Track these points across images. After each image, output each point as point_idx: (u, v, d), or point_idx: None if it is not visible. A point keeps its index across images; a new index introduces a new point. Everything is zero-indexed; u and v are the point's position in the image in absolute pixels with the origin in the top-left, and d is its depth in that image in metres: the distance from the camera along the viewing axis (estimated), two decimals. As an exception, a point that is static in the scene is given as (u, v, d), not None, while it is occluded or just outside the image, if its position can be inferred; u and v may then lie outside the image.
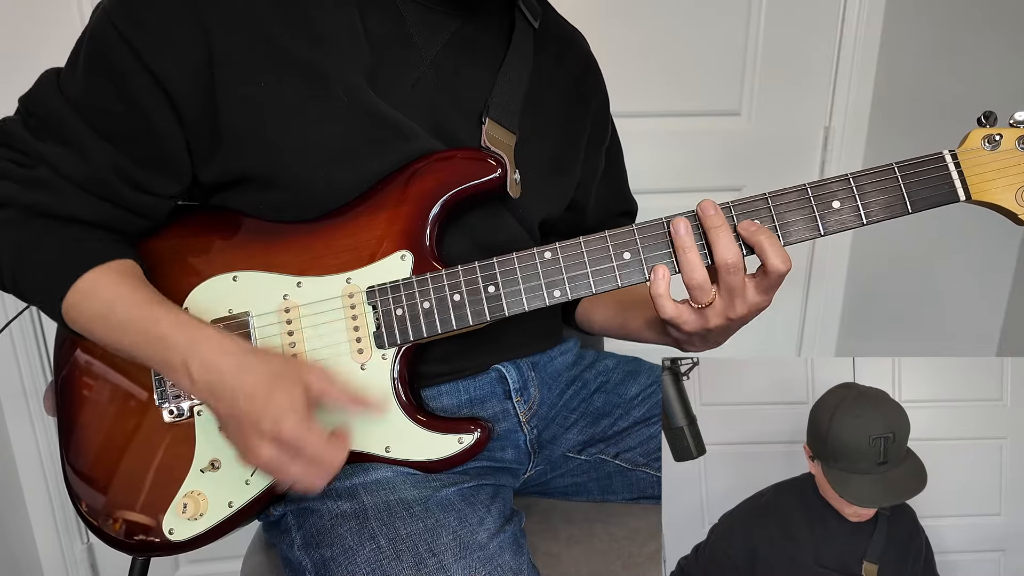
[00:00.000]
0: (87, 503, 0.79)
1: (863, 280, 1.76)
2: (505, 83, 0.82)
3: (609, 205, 1.02)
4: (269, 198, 0.75)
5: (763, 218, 0.71)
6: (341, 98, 0.73)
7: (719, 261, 0.70)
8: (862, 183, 0.71)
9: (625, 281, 0.73)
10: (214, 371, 0.67)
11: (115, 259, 0.72)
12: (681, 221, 0.71)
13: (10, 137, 0.72)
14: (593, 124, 0.94)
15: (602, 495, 0.97)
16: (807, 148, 1.67)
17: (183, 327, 0.69)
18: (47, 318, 1.38)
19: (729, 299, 0.71)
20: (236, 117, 0.71)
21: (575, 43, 0.95)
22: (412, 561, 0.69)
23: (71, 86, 0.71)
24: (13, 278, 0.72)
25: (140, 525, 0.76)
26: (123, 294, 0.70)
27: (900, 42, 1.59)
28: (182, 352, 0.67)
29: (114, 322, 0.70)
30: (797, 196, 0.71)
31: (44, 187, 0.70)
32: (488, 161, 0.76)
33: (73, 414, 0.79)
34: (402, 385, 0.75)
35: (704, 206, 0.71)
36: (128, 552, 0.80)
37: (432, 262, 0.75)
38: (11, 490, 1.47)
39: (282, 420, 0.64)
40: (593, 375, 0.98)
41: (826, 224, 0.71)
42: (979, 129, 0.71)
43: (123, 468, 0.77)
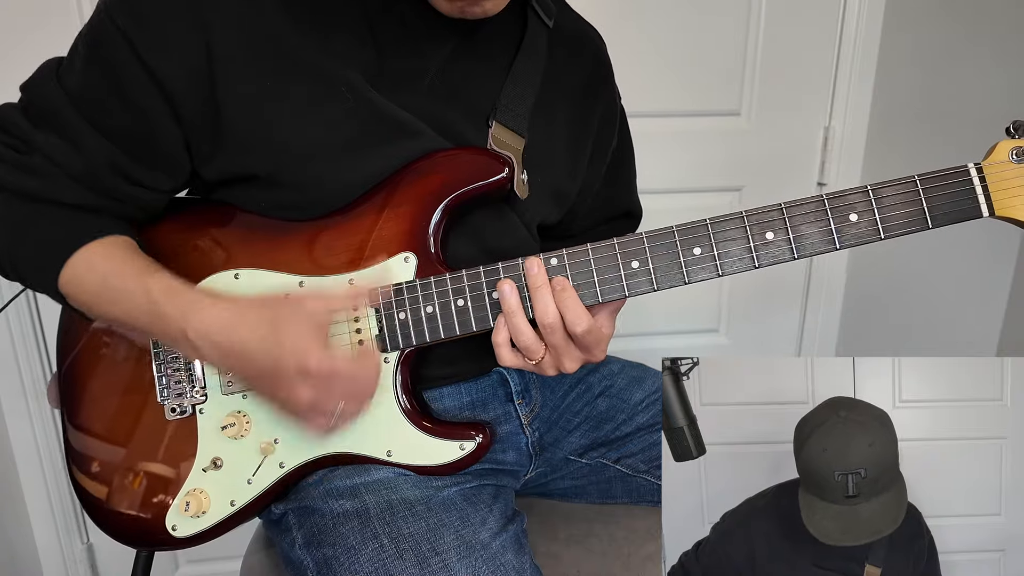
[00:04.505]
0: (90, 496, 0.79)
1: (863, 280, 1.76)
2: (514, 85, 0.81)
3: (605, 206, 1.00)
4: (272, 196, 0.75)
5: (777, 229, 0.69)
6: (347, 98, 0.72)
7: (538, 321, 0.69)
8: (882, 195, 0.68)
9: (632, 291, 0.71)
10: (213, 335, 0.66)
11: (109, 235, 0.72)
12: (506, 284, 0.70)
13: (9, 122, 0.72)
14: (600, 126, 0.92)
15: (601, 499, 0.97)
16: (807, 148, 1.67)
17: (173, 296, 0.68)
18: (46, 318, 1.40)
19: (556, 355, 0.71)
20: (238, 116, 0.70)
21: (589, 42, 0.93)
22: (415, 560, 0.69)
23: (70, 78, 0.71)
24: (10, 260, 0.72)
25: (143, 521, 0.77)
26: (115, 266, 0.70)
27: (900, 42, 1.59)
28: (177, 322, 0.67)
29: (109, 296, 0.70)
30: (814, 207, 0.69)
31: (38, 175, 0.70)
32: (495, 161, 0.75)
33: (76, 406, 0.79)
34: (404, 389, 0.75)
35: (528, 264, 0.70)
36: (131, 545, 0.81)
37: (436, 265, 0.74)
38: (11, 490, 1.47)
39: (303, 357, 0.64)
40: (597, 379, 0.98)
41: (842, 238, 0.69)
42: (1007, 141, 0.68)
43: (126, 463, 0.77)
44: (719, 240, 0.70)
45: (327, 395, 0.66)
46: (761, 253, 0.70)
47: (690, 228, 0.70)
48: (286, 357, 0.64)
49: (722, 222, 0.70)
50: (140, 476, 0.77)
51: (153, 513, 0.76)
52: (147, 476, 0.77)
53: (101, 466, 0.78)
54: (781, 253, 0.70)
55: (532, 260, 0.70)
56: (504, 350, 0.71)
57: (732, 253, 0.70)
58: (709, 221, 0.70)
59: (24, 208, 0.71)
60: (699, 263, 0.70)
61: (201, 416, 0.76)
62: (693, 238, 0.70)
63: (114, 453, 0.78)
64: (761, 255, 0.70)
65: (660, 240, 0.70)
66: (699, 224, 0.70)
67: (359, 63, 0.73)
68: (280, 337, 0.65)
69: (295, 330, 0.65)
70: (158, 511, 0.76)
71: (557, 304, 0.69)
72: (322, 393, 0.66)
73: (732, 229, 0.70)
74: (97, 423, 0.78)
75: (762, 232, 0.69)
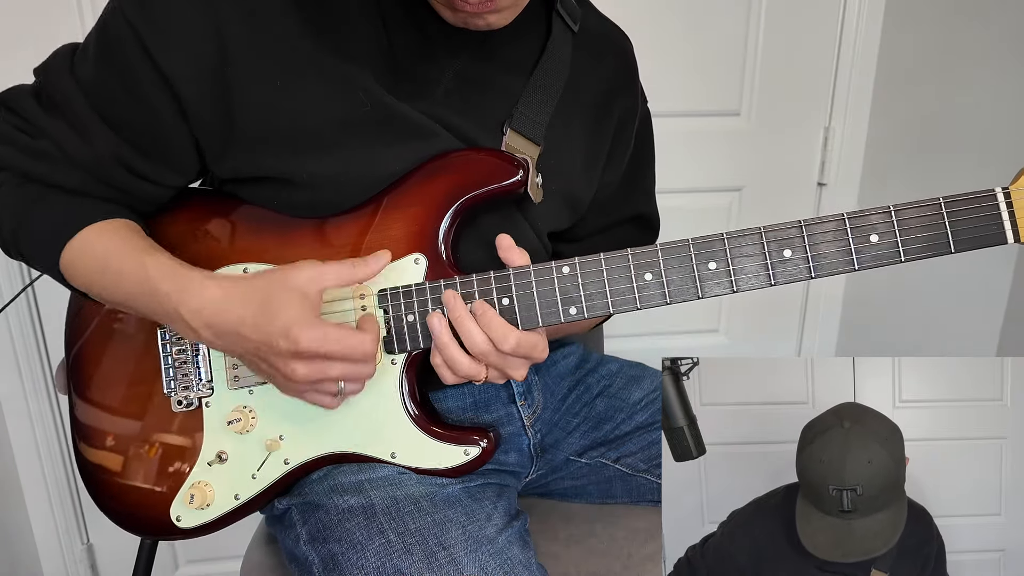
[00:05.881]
0: (96, 484, 0.79)
1: (863, 280, 1.76)
2: (534, 92, 0.79)
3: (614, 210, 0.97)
4: (284, 195, 0.75)
5: (796, 247, 0.67)
6: (363, 101, 0.71)
7: (470, 351, 0.69)
8: (904, 217, 0.66)
9: (644, 304, 0.69)
10: (206, 313, 0.66)
11: (111, 218, 0.73)
12: (435, 317, 0.69)
13: (21, 106, 0.73)
14: (617, 132, 0.89)
15: (601, 499, 0.97)
16: (807, 148, 1.67)
17: (168, 276, 0.68)
18: (47, 318, 1.40)
19: (500, 371, 0.71)
20: (251, 117, 0.70)
21: (614, 45, 0.91)
22: (423, 555, 0.69)
23: (82, 68, 0.71)
24: (14, 238, 0.73)
25: (148, 510, 0.78)
26: (115, 247, 0.70)
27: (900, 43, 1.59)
28: (173, 301, 0.67)
29: (109, 276, 0.70)
30: (834, 226, 0.66)
31: (45, 159, 0.71)
32: (509, 163, 0.73)
33: (84, 396, 0.80)
34: (410, 393, 0.75)
35: (446, 297, 0.70)
36: (136, 533, 0.82)
37: (447, 268, 0.73)
38: (11, 490, 1.47)
39: (294, 333, 0.63)
40: (596, 379, 0.98)
41: (861, 259, 0.66)
42: None
43: (133, 452, 0.78)
44: (735, 256, 0.68)
45: (325, 371, 0.65)
46: (778, 271, 0.68)
47: (706, 242, 0.68)
48: (275, 333, 0.64)
49: (739, 237, 0.68)
50: (146, 466, 0.78)
51: (158, 503, 0.77)
52: (153, 466, 0.77)
53: (108, 454, 0.78)
54: (799, 272, 0.68)
55: (448, 293, 0.70)
56: (444, 371, 0.70)
57: (748, 269, 0.68)
58: (726, 235, 0.68)
59: (29, 189, 0.72)
60: (714, 278, 0.69)
61: (207, 409, 0.76)
62: (708, 252, 0.68)
63: (121, 442, 0.78)
64: (778, 272, 0.68)
65: (675, 253, 0.69)
66: (715, 238, 0.68)
67: (374, 67, 0.73)
68: (270, 314, 0.64)
69: (285, 305, 0.64)
70: (162, 501, 0.77)
71: (482, 328, 0.68)
72: (318, 369, 0.65)
73: (749, 245, 0.68)
74: (104, 412, 0.79)
75: (780, 249, 0.67)
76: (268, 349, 0.65)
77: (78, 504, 1.54)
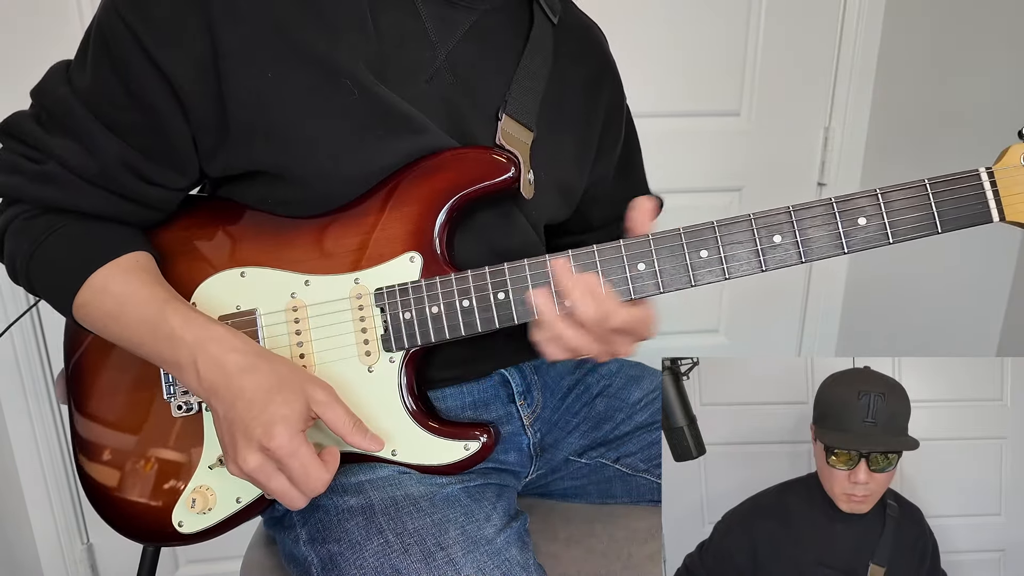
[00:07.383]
0: (97, 491, 0.79)
1: (863, 279, 1.76)
2: (524, 79, 0.80)
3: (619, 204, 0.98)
4: (276, 192, 0.75)
5: (785, 233, 0.69)
6: (351, 91, 0.71)
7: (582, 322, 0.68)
8: (891, 199, 0.67)
9: (638, 293, 0.70)
10: (220, 369, 0.67)
11: (126, 253, 0.72)
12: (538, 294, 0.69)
13: (21, 131, 0.72)
14: (605, 123, 0.92)
15: (601, 499, 0.97)
16: (807, 148, 1.67)
17: (191, 325, 0.68)
18: (47, 318, 1.40)
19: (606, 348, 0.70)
20: (243, 110, 0.70)
21: (593, 39, 0.93)
22: (420, 555, 0.69)
23: (79, 78, 0.71)
24: (27, 276, 0.73)
25: (150, 517, 0.77)
26: (133, 291, 0.70)
27: (900, 42, 1.59)
28: (190, 349, 0.67)
29: (125, 320, 0.70)
30: (822, 211, 0.68)
31: (53, 182, 0.70)
32: (501, 160, 0.74)
33: (84, 402, 0.80)
34: (409, 389, 0.75)
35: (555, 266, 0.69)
36: (138, 541, 0.81)
37: (442, 265, 0.74)
38: (11, 490, 1.47)
39: (273, 430, 0.64)
40: (595, 379, 0.98)
41: (851, 242, 0.68)
42: (1019, 144, 0.67)
43: (134, 459, 0.78)
44: (726, 243, 0.69)
45: (269, 475, 0.66)
46: (768, 256, 0.69)
47: (697, 230, 0.69)
48: (261, 420, 0.64)
49: (729, 224, 0.69)
50: (147, 472, 0.77)
51: (160, 509, 0.77)
52: (154, 472, 0.77)
53: (109, 461, 0.78)
54: (788, 257, 0.69)
55: (558, 262, 0.70)
56: (552, 346, 0.70)
57: (739, 256, 0.69)
58: (716, 223, 0.69)
59: (41, 221, 0.72)
60: (706, 266, 0.70)
61: (207, 414, 0.76)
62: (700, 240, 0.69)
63: (121, 449, 0.78)
64: (768, 258, 0.69)
65: (666, 242, 0.70)
66: (706, 226, 0.69)
67: (364, 55, 0.73)
68: (270, 400, 0.65)
69: (286, 402, 0.65)
70: (164, 507, 0.76)
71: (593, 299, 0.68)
72: (266, 469, 0.66)
73: (739, 232, 0.69)
74: (104, 419, 0.79)
75: (769, 235, 0.69)
76: (243, 427, 0.65)
77: (78, 504, 1.54)
